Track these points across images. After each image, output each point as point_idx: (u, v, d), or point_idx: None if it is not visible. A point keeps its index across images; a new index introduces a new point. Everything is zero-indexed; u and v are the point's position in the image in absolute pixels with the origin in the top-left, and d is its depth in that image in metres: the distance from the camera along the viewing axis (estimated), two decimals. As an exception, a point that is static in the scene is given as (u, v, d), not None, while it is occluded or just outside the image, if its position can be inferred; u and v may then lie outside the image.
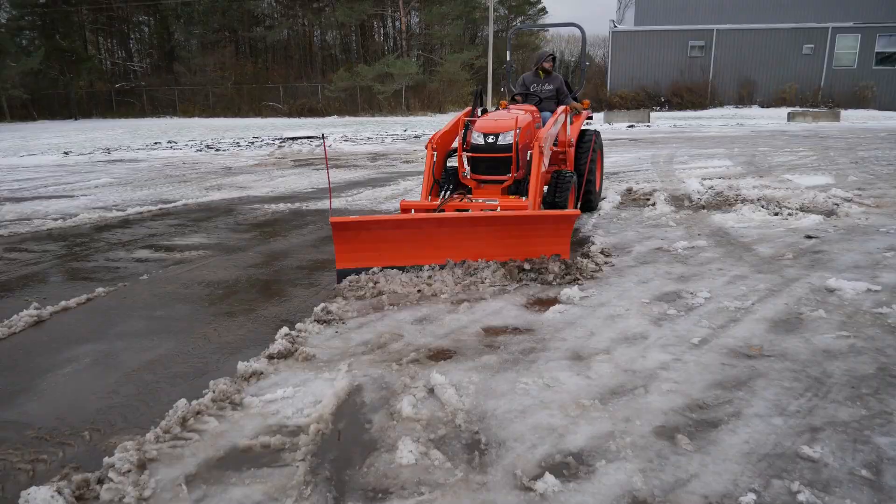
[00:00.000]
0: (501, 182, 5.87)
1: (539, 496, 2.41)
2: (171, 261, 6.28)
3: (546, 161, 6.00)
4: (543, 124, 6.66)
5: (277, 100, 44.85)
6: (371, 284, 4.85)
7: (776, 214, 7.22)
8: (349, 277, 4.94)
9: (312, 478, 2.60)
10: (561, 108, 6.99)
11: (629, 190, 9.32)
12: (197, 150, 19.70)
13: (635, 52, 38.29)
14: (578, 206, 6.33)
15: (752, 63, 37.11)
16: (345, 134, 24.80)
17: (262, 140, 22.88)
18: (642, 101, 36.64)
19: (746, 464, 2.58)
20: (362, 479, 2.59)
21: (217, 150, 19.79)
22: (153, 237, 7.38)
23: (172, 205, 9.68)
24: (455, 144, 6.43)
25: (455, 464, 2.66)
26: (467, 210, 5.51)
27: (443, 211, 5.48)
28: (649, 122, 26.37)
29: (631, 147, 16.21)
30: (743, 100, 37.28)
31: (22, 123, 40.10)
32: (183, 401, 3.16)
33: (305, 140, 22.30)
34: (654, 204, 8.11)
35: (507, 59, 8.99)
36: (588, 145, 7.30)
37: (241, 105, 44.59)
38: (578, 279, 4.93)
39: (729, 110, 35.23)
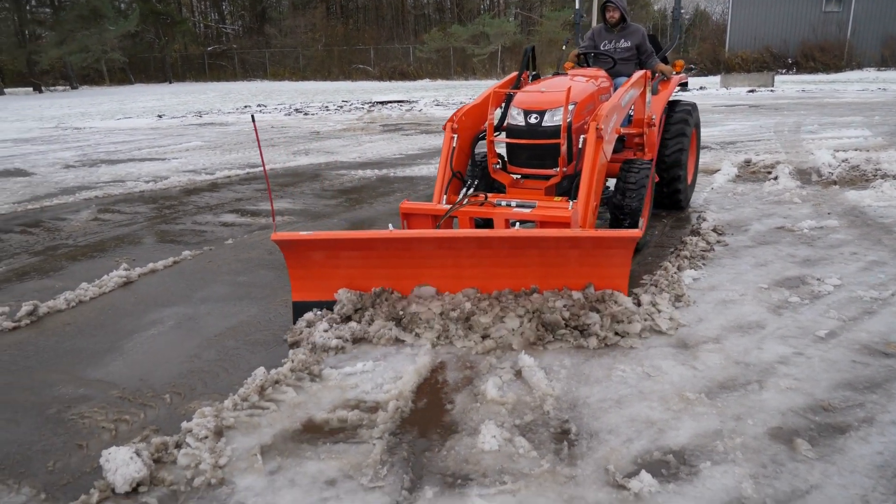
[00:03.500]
0: (548, 178, 4.56)
1: (633, 496, 2.30)
2: (257, 226, 6.48)
3: (609, 148, 4.50)
4: None
5: (368, 62, 45.42)
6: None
7: (924, 193, 6.59)
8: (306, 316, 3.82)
9: (389, 457, 2.59)
10: (639, 73, 5.26)
11: (747, 161, 8.80)
12: (286, 114, 20.28)
13: (760, 8, 35.98)
14: (642, 223, 4.49)
15: (899, 18, 34.06)
16: (436, 98, 24.81)
17: (351, 104, 23.26)
18: (766, 62, 34.48)
19: (879, 478, 2.36)
20: (441, 462, 2.57)
21: (306, 113, 20.30)
22: (240, 201, 7.65)
23: (260, 169, 9.99)
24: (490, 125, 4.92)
25: (541, 453, 2.58)
26: (489, 221, 4.41)
27: (454, 219, 4.34)
28: (773, 86, 24.82)
29: (751, 114, 15.31)
30: (886, 61, 34.34)
31: (120, 87, 42.68)
32: (262, 369, 3.24)
33: (395, 104, 22.48)
34: (775, 178, 7.60)
35: (576, 6, 7.10)
36: (677, 123, 5.91)
37: (332, 68, 45.49)
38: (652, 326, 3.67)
39: (869, 73, 32.59)
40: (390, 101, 23.52)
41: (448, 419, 2.87)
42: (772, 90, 23.39)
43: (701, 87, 24.69)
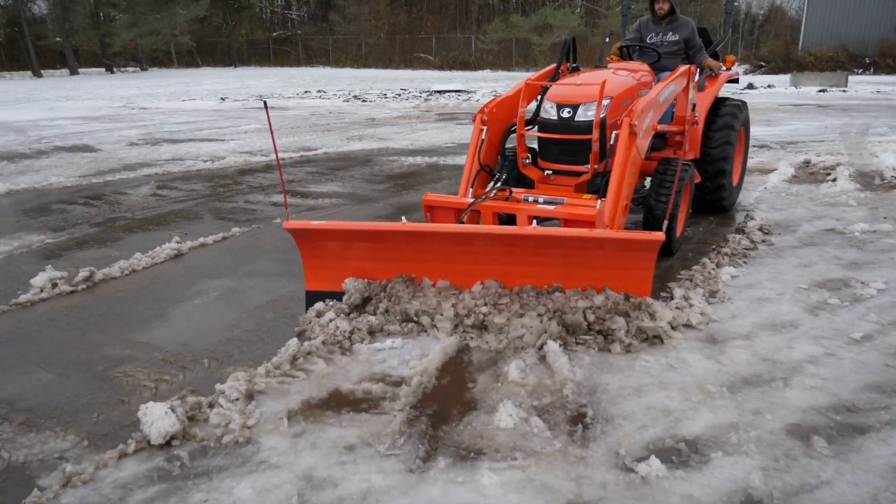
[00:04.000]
0: (579, 174, 4.42)
1: (640, 479, 2.36)
2: (305, 207, 6.69)
3: (644, 145, 4.36)
4: None
5: (429, 51, 45.61)
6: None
7: None
8: (317, 306, 3.80)
9: (408, 428, 2.71)
10: (682, 68, 5.13)
11: (806, 162, 8.57)
12: (344, 101, 20.64)
13: (838, 4, 34.60)
14: (666, 225, 4.08)
15: None
16: (494, 89, 24.78)
17: (409, 92, 23.47)
18: (841, 61, 33.13)
19: (893, 479, 2.35)
20: (457, 436, 2.67)
21: (364, 100, 20.60)
22: (291, 183, 7.89)
23: (313, 153, 10.27)
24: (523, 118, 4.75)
25: (555, 434, 2.66)
26: (512, 216, 4.25)
27: (476, 212, 4.23)
28: (846, 86, 23.91)
29: (818, 114, 14.83)
30: (974, 63, 32.57)
31: (187, 69, 44.04)
32: (295, 340, 3.40)
33: (453, 94, 22.59)
34: (834, 179, 7.40)
35: None
36: (723, 123, 5.60)
37: (393, 56, 45.87)
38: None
39: (954, 76, 30.96)
40: (448, 91, 23.64)
41: (468, 396, 2.97)
42: (844, 90, 22.56)
43: (769, 86, 23.98)
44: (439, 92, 23.40)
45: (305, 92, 24.18)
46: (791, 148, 9.94)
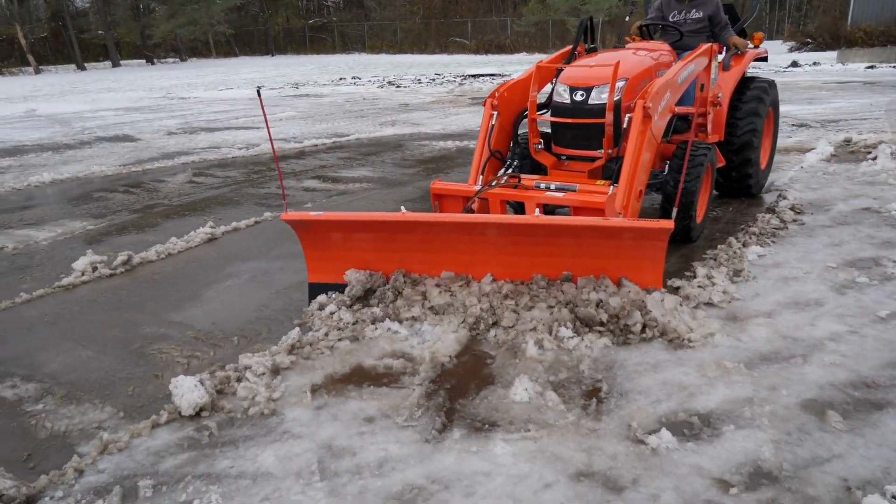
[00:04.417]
0: (593, 160, 4.27)
1: (650, 450, 2.42)
2: (336, 192, 6.83)
3: (660, 127, 4.20)
4: None
5: (465, 35, 45.45)
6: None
7: None
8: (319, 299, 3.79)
9: (425, 401, 2.81)
10: (704, 46, 4.85)
11: (847, 140, 8.37)
12: (378, 87, 20.76)
13: (890, -24, 33.32)
14: (682, 215, 4.28)
15: None
16: (529, 72, 24.63)
17: (444, 77, 23.48)
18: (893, 36, 31.98)
19: (908, 452, 2.37)
20: (473, 409, 2.76)
21: (398, 86, 20.70)
22: (323, 168, 8.05)
23: (346, 139, 10.41)
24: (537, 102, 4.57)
25: (569, 407, 2.73)
26: (520, 204, 4.13)
27: (485, 200, 4.10)
28: (897, 62, 23.11)
29: (864, 91, 14.41)
30: None
31: (225, 59, 44.77)
32: (297, 330, 3.50)
33: (487, 78, 22.52)
34: (874, 158, 7.23)
35: None
36: (750, 103, 5.38)
37: (428, 41, 45.86)
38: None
39: None
40: (482, 75, 23.57)
41: (486, 372, 3.06)
42: (894, 66, 21.83)
43: (814, 63, 23.34)
44: (474, 76, 23.35)
45: (340, 79, 24.38)
46: (832, 126, 9.72)
